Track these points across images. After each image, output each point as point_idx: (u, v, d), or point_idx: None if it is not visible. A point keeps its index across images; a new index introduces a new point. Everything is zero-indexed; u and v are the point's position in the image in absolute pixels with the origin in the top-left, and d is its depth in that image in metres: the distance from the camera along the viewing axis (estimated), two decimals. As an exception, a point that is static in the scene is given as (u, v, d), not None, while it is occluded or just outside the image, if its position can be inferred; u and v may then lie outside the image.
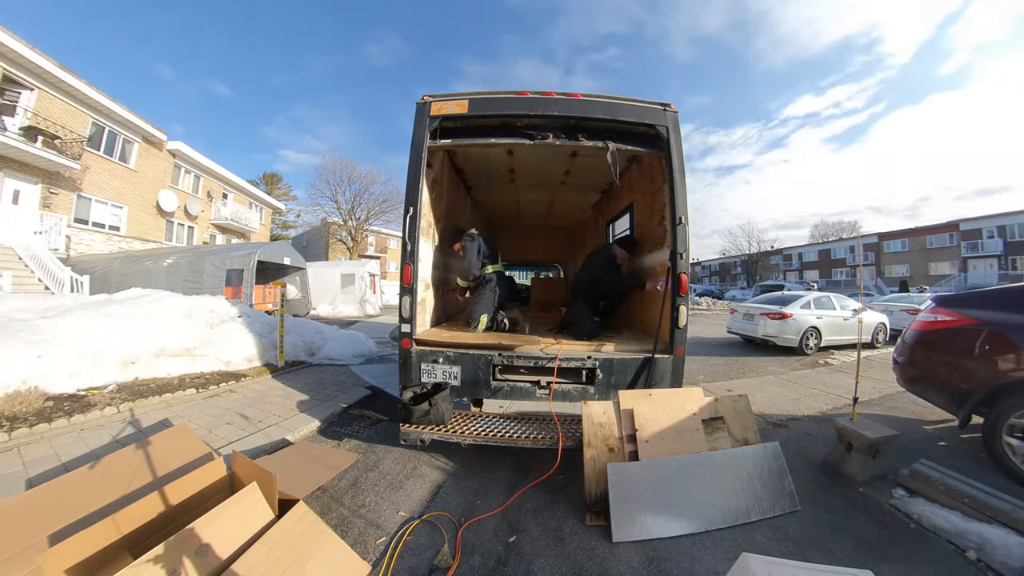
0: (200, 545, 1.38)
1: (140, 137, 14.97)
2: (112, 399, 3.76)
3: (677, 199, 2.91)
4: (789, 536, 2.12)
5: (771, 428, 3.75)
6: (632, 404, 2.49)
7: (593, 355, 2.89)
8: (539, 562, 1.88)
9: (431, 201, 3.73)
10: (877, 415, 4.09)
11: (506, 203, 6.43)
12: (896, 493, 2.55)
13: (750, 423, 2.64)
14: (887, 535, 2.15)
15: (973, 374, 3.08)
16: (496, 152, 4.17)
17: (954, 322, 3.31)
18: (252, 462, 1.88)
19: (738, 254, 51.01)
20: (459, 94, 3.02)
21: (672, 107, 3.01)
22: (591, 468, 2.30)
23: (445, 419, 2.75)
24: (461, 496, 2.45)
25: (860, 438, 2.74)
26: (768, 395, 4.90)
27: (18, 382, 3.57)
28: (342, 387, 4.70)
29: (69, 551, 1.32)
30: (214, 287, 9.32)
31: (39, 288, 8.67)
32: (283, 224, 39.24)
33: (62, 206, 12.10)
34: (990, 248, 29.85)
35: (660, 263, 3.46)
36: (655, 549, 1.98)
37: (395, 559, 1.87)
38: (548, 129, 3.05)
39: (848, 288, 32.04)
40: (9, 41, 10.00)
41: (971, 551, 2.01)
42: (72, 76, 11.76)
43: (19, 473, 2.47)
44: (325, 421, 3.63)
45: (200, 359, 5.03)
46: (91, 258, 11.50)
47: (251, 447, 2.97)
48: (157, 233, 15.90)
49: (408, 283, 2.91)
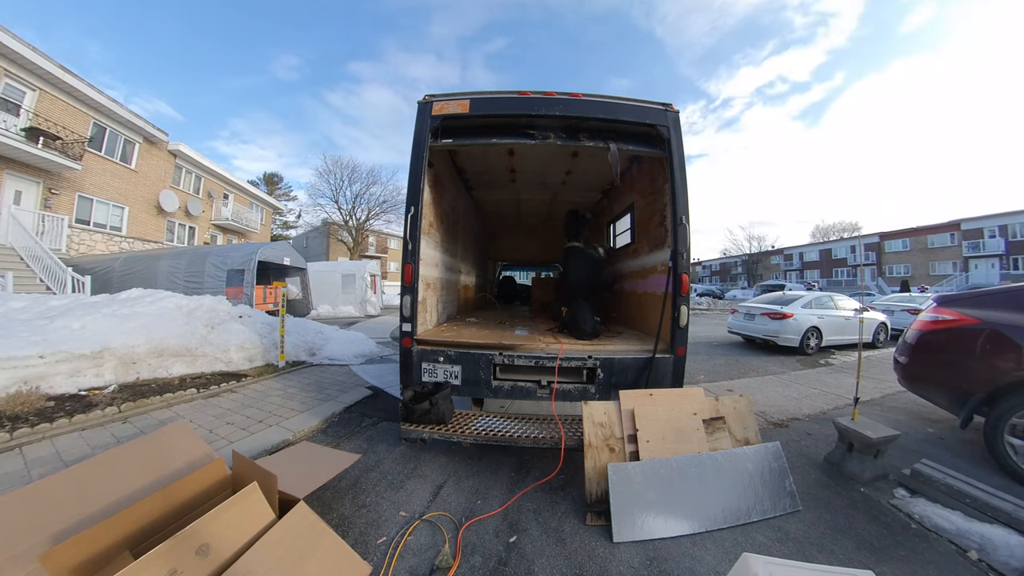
0: (201, 545, 1.38)
1: (141, 138, 15.00)
2: (113, 399, 3.77)
3: (678, 199, 2.91)
4: (790, 536, 2.11)
5: (772, 428, 3.75)
6: (633, 404, 2.49)
7: (594, 355, 2.88)
8: (540, 562, 1.88)
9: (432, 201, 3.74)
10: (878, 415, 4.09)
11: (507, 203, 6.44)
12: (897, 493, 2.55)
13: (751, 423, 2.64)
14: (888, 535, 2.15)
15: (974, 374, 3.08)
16: (497, 152, 4.17)
17: (956, 322, 3.30)
18: (253, 462, 1.88)
19: (739, 254, 51.00)
20: (460, 94, 3.02)
21: (673, 107, 3.01)
22: (592, 468, 2.30)
23: (446, 418, 2.75)
24: (462, 496, 2.45)
25: (861, 438, 2.74)
26: (769, 395, 4.90)
27: (19, 382, 3.58)
28: (343, 387, 4.71)
29: (71, 551, 1.32)
30: (215, 287, 9.33)
31: (41, 288, 8.68)
32: (284, 224, 39.31)
33: (64, 206, 12.13)
34: (992, 248, 29.80)
35: (661, 263, 3.46)
36: (656, 549, 1.98)
37: (396, 559, 1.87)
38: (549, 129, 3.05)
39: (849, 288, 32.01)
40: (10, 42, 10.03)
41: (972, 551, 2.00)
42: (73, 77, 11.79)
43: (21, 472, 2.48)
44: (326, 421, 3.64)
45: (201, 359, 5.04)
46: (92, 258, 11.52)
47: (252, 447, 2.98)
48: (158, 233, 15.92)
49: (409, 282, 2.92)
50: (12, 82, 10.69)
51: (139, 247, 14.49)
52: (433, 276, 3.95)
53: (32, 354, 3.80)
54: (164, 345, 4.82)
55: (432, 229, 3.88)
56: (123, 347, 4.47)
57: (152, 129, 15.06)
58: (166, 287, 8.19)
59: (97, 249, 13.21)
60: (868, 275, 37.05)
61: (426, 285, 3.62)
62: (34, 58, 10.63)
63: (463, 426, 2.76)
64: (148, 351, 4.66)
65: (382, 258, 35.42)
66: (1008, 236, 29.08)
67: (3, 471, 2.48)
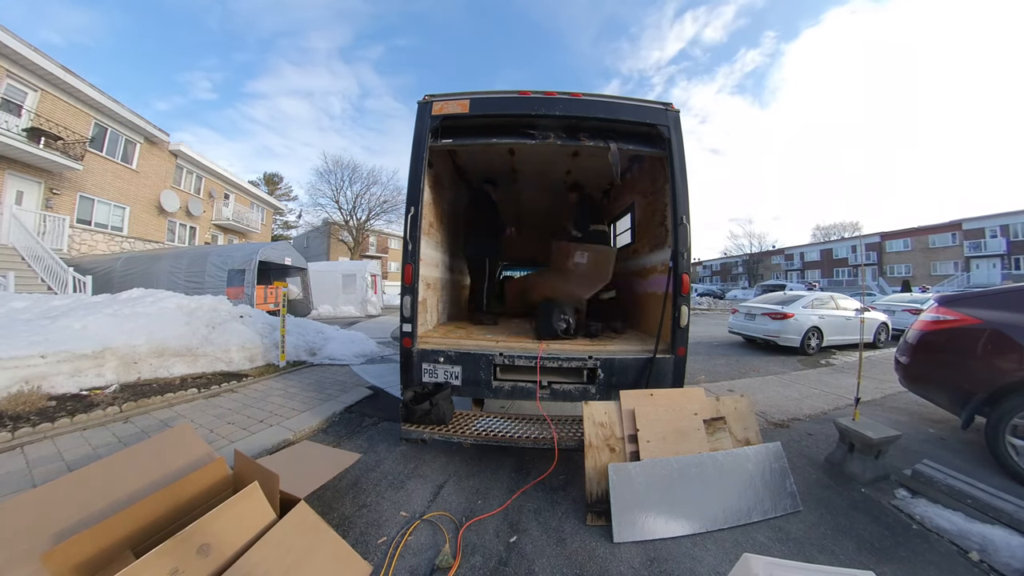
0: (202, 544, 1.38)
1: (142, 138, 15.03)
2: (114, 399, 3.78)
3: (679, 199, 2.90)
4: (791, 537, 2.11)
5: (773, 428, 3.75)
6: (633, 404, 2.49)
7: (594, 355, 2.88)
8: (540, 562, 1.88)
9: (432, 201, 3.74)
10: (879, 415, 4.08)
11: (507, 203, 6.43)
12: (898, 494, 2.55)
13: (752, 423, 2.64)
14: (889, 536, 2.14)
15: (976, 374, 3.07)
16: (498, 152, 4.17)
17: (957, 322, 3.29)
18: (254, 461, 1.88)
19: (739, 254, 50.96)
20: (460, 94, 3.02)
21: (673, 107, 3.01)
22: (592, 468, 2.30)
23: (446, 419, 2.75)
24: (462, 496, 2.45)
25: (862, 438, 2.74)
26: (770, 395, 4.89)
27: (21, 382, 3.59)
28: (343, 387, 4.71)
29: (72, 550, 1.33)
30: (216, 287, 9.34)
31: (42, 288, 8.70)
32: (284, 224, 39.36)
33: (65, 206, 12.15)
34: (993, 248, 29.75)
35: (661, 263, 3.46)
36: (656, 549, 1.98)
37: (396, 559, 1.87)
38: (550, 129, 3.05)
39: (850, 287, 31.95)
40: (12, 43, 10.06)
41: (974, 552, 2.00)
42: (75, 77, 11.81)
43: (22, 471, 2.48)
44: (326, 421, 3.64)
45: (202, 359, 5.05)
46: (94, 258, 11.54)
47: (253, 447, 2.98)
48: (159, 233, 15.95)
49: (409, 283, 2.92)
50: (14, 82, 10.72)
51: (140, 247, 14.51)
52: (433, 276, 3.96)
53: (34, 354, 3.81)
54: (165, 345, 4.83)
55: (432, 229, 3.88)
56: (124, 347, 4.48)
57: (153, 129, 15.09)
58: (167, 287, 8.20)
59: (98, 249, 13.24)
60: (869, 275, 36.99)
61: (426, 285, 3.62)
62: (36, 59, 10.66)
63: (463, 426, 2.76)
64: (149, 351, 4.66)
65: (383, 258, 35.45)
66: (1010, 236, 29.03)
67: (5, 470, 2.49)
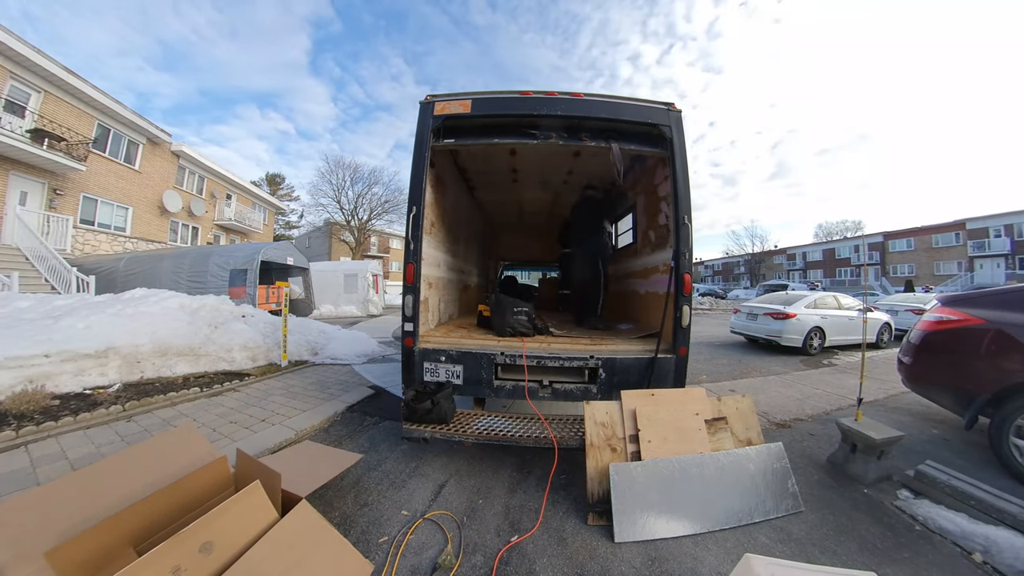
0: (204, 542, 1.38)
1: (145, 139, 15.09)
2: (117, 398, 3.79)
3: (680, 199, 2.90)
4: (792, 537, 2.11)
5: (774, 428, 3.74)
6: (635, 404, 2.48)
7: (596, 355, 2.88)
8: (541, 562, 1.88)
9: (434, 201, 3.74)
10: (882, 416, 4.06)
11: (509, 202, 6.44)
12: (901, 494, 2.54)
13: (753, 423, 2.63)
14: (892, 537, 2.13)
15: (979, 375, 3.06)
16: (499, 152, 4.17)
17: (960, 322, 3.28)
18: (256, 460, 1.89)
19: (741, 253, 50.84)
20: (462, 94, 3.02)
21: (676, 106, 3.00)
22: (593, 468, 2.30)
23: (448, 418, 2.75)
24: (463, 495, 2.45)
25: (865, 439, 2.73)
26: (772, 395, 4.88)
27: (25, 381, 3.61)
28: (345, 386, 4.72)
29: (75, 548, 1.34)
30: (218, 287, 9.37)
31: (46, 288, 8.74)
32: (286, 224, 39.42)
33: (68, 207, 12.21)
34: (997, 247, 29.58)
35: (663, 263, 3.46)
36: (657, 549, 1.98)
37: (398, 558, 1.87)
38: (551, 129, 3.05)
39: (853, 287, 31.84)
40: (15, 45, 10.11)
41: (977, 553, 1.99)
42: (77, 79, 11.87)
43: (26, 469, 2.50)
44: (328, 420, 3.65)
45: (204, 358, 5.06)
46: (97, 258, 11.59)
47: (255, 446, 2.99)
48: (161, 234, 16.01)
49: (411, 282, 2.92)
50: (17, 84, 10.78)
51: (143, 247, 14.57)
52: (435, 276, 3.96)
53: (37, 353, 3.83)
54: (168, 344, 4.85)
55: (434, 229, 3.88)
56: (127, 346, 4.50)
57: (155, 130, 15.15)
58: (170, 287, 8.23)
59: (101, 249, 13.30)
60: (872, 275, 36.85)
61: (428, 285, 3.62)
62: (39, 60, 10.71)
63: (465, 425, 2.77)
64: (152, 350, 4.68)
65: (384, 258, 35.50)
66: (1014, 236, 28.85)
67: (9, 468, 2.50)
